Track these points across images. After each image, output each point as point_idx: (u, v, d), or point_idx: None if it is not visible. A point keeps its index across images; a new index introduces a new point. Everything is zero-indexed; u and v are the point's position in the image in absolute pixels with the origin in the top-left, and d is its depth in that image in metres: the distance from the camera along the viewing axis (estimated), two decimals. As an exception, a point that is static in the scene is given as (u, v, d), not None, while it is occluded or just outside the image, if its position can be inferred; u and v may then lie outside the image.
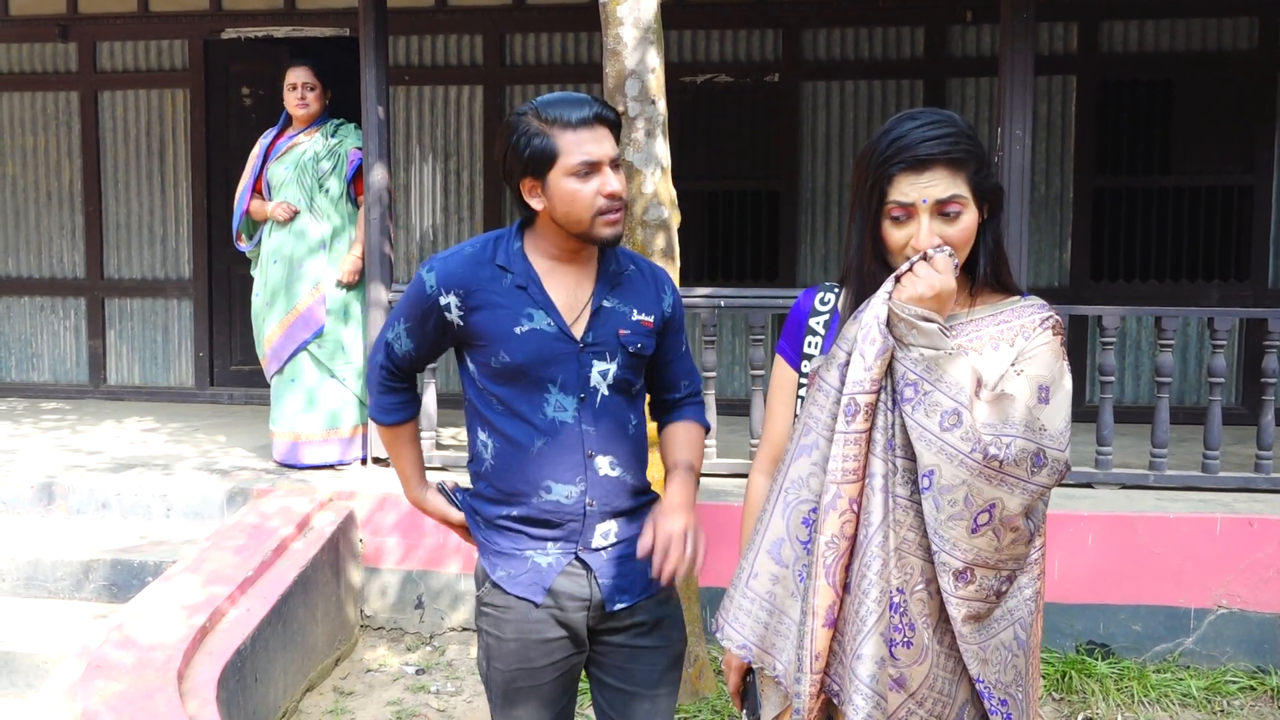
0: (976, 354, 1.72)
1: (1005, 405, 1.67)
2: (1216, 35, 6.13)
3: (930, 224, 1.68)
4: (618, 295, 2.10)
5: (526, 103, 2.06)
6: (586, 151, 1.98)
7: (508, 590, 2.08)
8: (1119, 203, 6.33)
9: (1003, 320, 1.75)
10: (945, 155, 1.66)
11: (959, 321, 1.76)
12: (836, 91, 6.40)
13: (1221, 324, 4.36)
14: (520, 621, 2.07)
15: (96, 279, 7.04)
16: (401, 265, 6.67)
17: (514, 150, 2.02)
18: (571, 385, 2.05)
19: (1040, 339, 1.73)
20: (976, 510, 1.64)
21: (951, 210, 1.68)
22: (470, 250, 2.09)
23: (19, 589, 4.08)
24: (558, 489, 2.05)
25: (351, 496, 4.48)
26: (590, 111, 2.00)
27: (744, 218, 6.55)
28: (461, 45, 6.65)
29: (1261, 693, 3.92)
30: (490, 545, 2.12)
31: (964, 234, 1.70)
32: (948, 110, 1.77)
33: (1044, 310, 1.77)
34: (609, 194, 2.00)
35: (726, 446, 4.89)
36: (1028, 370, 1.70)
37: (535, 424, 2.05)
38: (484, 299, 2.03)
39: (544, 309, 2.04)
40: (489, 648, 2.13)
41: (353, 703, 3.89)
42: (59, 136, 7.04)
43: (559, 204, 2.00)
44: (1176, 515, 4.10)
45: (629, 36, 3.47)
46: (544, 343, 2.03)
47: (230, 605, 3.60)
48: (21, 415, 6.38)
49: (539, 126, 1.99)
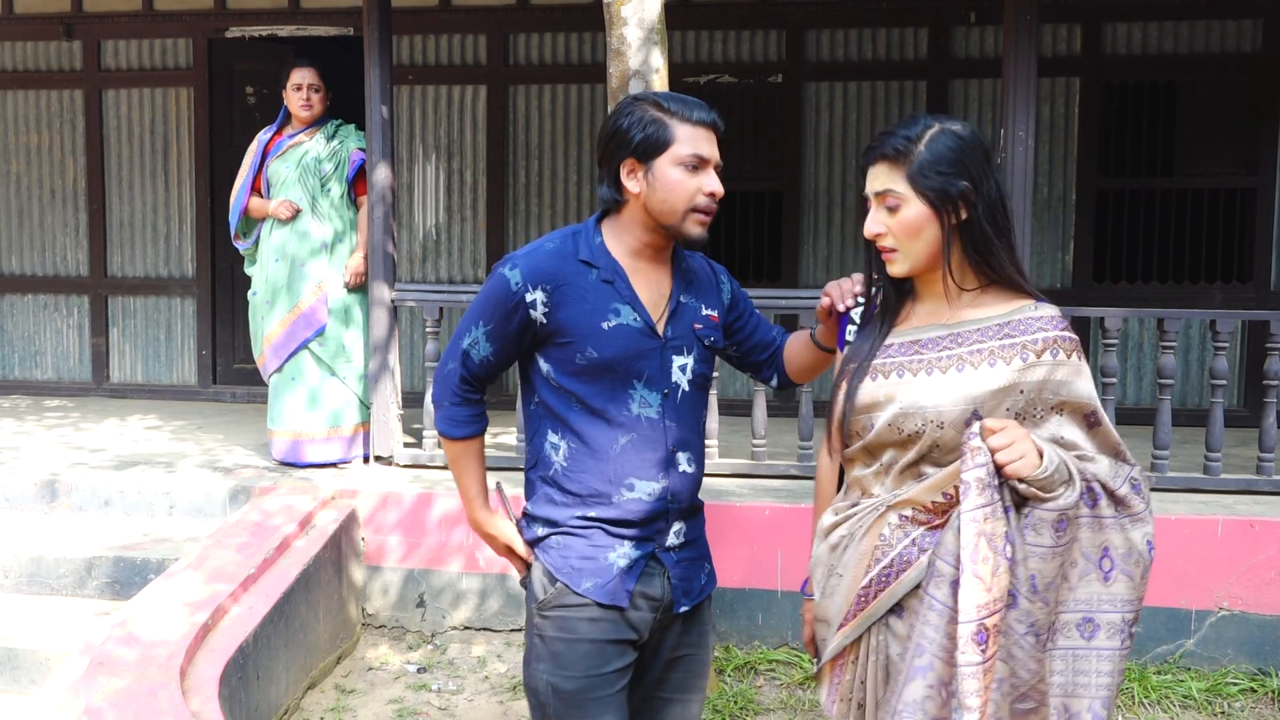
0: (971, 368, 1.80)
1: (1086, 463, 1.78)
2: (1220, 37, 6.13)
3: (875, 212, 1.87)
4: (690, 292, 2.13)
5: (640, 93, 2.08)
6: (699, 147, 2.01)
7: (585, 593, 2.02)
8: (1122, 204, 6.33)
9: (1007, 334, 1.81)
10: (880, 152, 1.85)
11: (966, 329, 1.84)
12: (840, 92, 6.40)
13: (1224, 326, 4.36)
14: (596, 622, 2.02)
15: (100, 277, 7.05)
16: (405, 265, 6.68)
17: (623, 131, 2.01)
18: (656, 381, 2.04)
19: (1058, 372, 1.79)
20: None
21: (889, 204, 1.85)
22: (551, 245, 2.06)
23: (22, 586, 4.09)
24: (640, 486, 2.03)
25: (354, 495, 4.48)
26: (709, 115, 2.03)
27: (747, 218, 6.56)
28: (465, 45, 6.65)
29: (1262, 694, 3.92)
30: (558, 549, 2.05)
31: (902, 226, 1.84)
32: (942, 119, 1.86)
33: (1050, 327, 1.82)
34: (710, 193, 2.03)
35: (728, 447, 4.90)
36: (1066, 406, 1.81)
37: (620, 421, 2.02)
38: (570, 294, 2.01)
39: (630, 304, 2.03)
40: (557, 656, 2.03)
41: (354, 700, 3.90)
42: (63, 134, 7.05)
43: (659, 190, 2.00)
44: (1178, 517, 4.10)
45: (633, 37, 3.48)
46: (631, 338, 2.02)
47: (233, 603, 3.61)
48: (25, 413, 6.39)
49: (656, 114, 2.01)
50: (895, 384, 1.84)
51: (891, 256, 1.87)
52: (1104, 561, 1.79)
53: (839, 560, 1.91)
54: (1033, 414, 1.79)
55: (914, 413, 1.80)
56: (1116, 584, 1.79)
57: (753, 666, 4.09)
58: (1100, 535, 1.78)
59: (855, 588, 1.87)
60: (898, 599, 1.83)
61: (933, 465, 1.81)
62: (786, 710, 3.82)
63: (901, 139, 1.83)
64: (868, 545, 1.86)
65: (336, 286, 4.84)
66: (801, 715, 3.79)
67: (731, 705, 3.77)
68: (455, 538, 4.38)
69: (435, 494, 4.43)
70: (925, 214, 1.82)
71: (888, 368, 1.87)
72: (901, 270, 1.87)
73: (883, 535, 1.85)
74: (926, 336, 1.87)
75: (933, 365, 1.83)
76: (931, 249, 1.84)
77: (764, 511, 4.22)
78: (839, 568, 1.91)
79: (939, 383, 1.81)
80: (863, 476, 1.91)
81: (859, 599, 1.87)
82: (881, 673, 1.85)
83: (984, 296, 1.87)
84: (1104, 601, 1.79)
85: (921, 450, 1.81)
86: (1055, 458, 1.72)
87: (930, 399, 1.80)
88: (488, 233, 6.66)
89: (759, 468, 4.59)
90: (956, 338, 1.84)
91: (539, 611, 2.07)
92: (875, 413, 1.86)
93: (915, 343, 1.88)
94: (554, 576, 2.04)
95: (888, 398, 1.84)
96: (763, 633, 4.22)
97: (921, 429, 1.79)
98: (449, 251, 6.73)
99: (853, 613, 1.88)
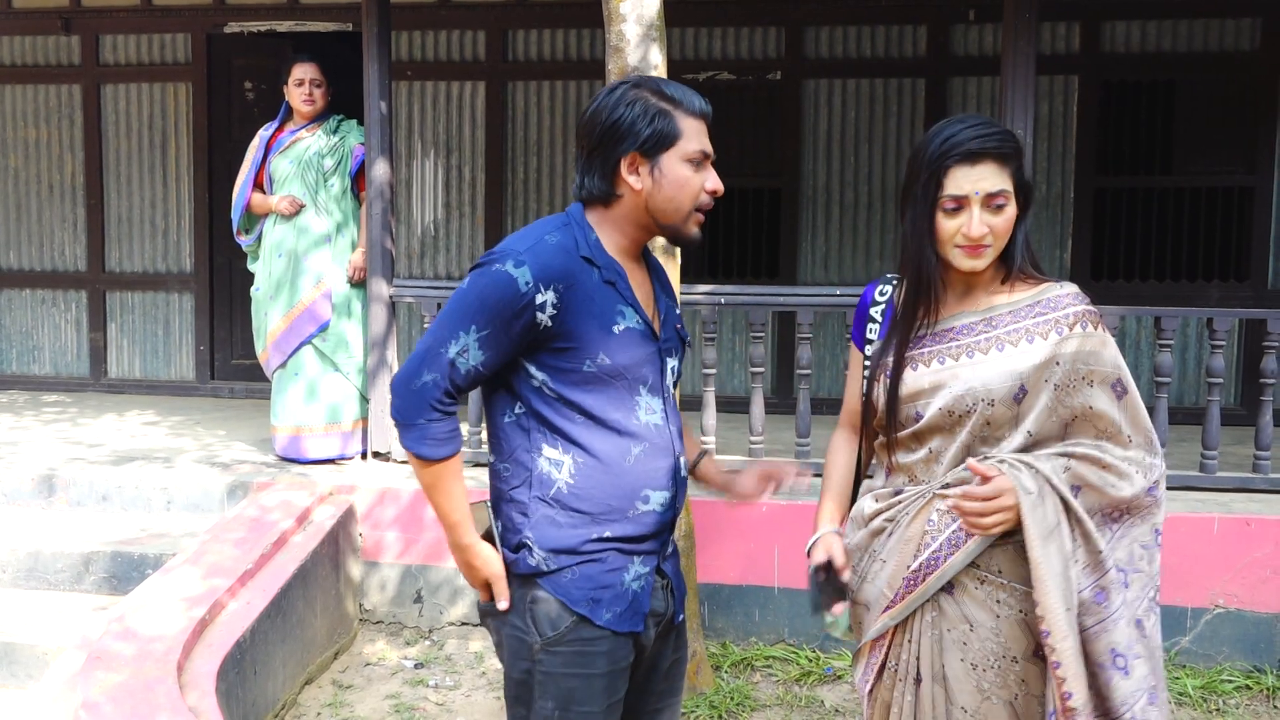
0: (1011, 346, 1.89)
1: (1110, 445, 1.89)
2: (1218, 36, 6.13)
3: (980, 214, 1.86)
4: (667, 292, 2.08)
5: (630, 77, 1.95)
6: (704, 142, 1.91)
7: (605, 624, 1.89)
8: (1120, 203, 6.34)
9: (1039, 312, 1.91)
10: (995, 150, 1.86)
11: (999, 312, 1.93)
12: (838, 90, 6.40)
13: (1220, 324, 4.37)
14: (612, 652, 1.91)
15: (98, 272, 7.05)
16: (403, 260, 6.68)
17: (627, 122, 1.86)
18: (656, 386, 1.95)
19: (1088, 343, 1.88)
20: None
21: (998, 203, 1.87)
22: (555, 240, 1.88)
23: (19, 580, 4.09)
24: (655, 497, 1.92)
25: (351, 490, 4.49)
26: (706, 105, 1.94)
27: (745, 215, 6.56)
28: (464, 41, 6.65)
29: (1257, 692, 3.93)
30: (572, 580, 1.89)
31: (1007, 224, 1.89)
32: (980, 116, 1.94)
33: (1077, 302, 1.93)
34: (712, 190, 1.94)
35: (726, 444, 4.89)
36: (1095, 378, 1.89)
37: (630, 431, 1.90)
38: (579, 296, 1.85)
39: (632, 306, 1.91)
40: (571, 693, 1.90)
41: (351, 696, 3.90)
42: (61, 129, 7.05)
43: (666, 187, 1.89)
44: (1174, 515, 4.10)
45: (632, 33, 3.48)
46: (638, 343, 1.90)
47: (230, 598, 3.62)
48: (23, 408, 6.39)
49: (660, 104, 1.88)
50: (938, 370, 1.92)
51: (983, 252, 1.90)
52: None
53: (882, 546, 1.98)
54: (1068, 385, 1.87)
55: (964, 394, 1.88)
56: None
57: (749, 663, 4.10)
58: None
59: (901, 572, 1.94)
60: (946, 580, 1.90)
61: (984, 445, 1.90)
62: (783, 706, 3.83)
63: (1007, 137, 1.87)
64: (915, 530, 1.93)
65: (338, 280, 4.84)
66: (798, 711, 3.80)
67: (728, 701, 3.78)
68: (453, 534, 4.38)
69: (433, 490, 4.43)
70: (1014, 211, 1.90)
71: (927, 356, 1.94)
72: (985, 264, 1.92)
73: (930, 520, 1.92)
74: (960, 324, 1.95)
75: (973, 349, 1.91)
76: (1008, 241, 1.92)
77: (761, 508, 4.22)
78: (882, 553, 1.98)
79: (981, 363, 1.89)
80: (910, 463, 1.97)
81: (907, 583, 1.93)
82: (936, 647, 1.93)
83: (1008, 283, 1.96)
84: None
85: (974, 431, 1.89)
86: (1033, 507, 1.83)
87: (979, 379, 1.88)
88: (486, 228, 6.66)
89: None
90: (989, 322, 1.93)
91: (546, 647, 1.91)
92: (922, 399, 1.93)
93: (949, 331, 1.95)
94: (571, 610, 1.89)
95: (934, 385, 1.91)
96: (759, 629, 4.22)
97: (972, 408, 1.88)
98: (447, 247, 6.73)
99: (900, 595, 1.94)
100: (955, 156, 1.85)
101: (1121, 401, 1.90)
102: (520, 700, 1.98)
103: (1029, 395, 1.88)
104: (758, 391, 4.55)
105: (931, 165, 1.87)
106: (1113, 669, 1.85)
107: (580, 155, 1.96)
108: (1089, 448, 1.88)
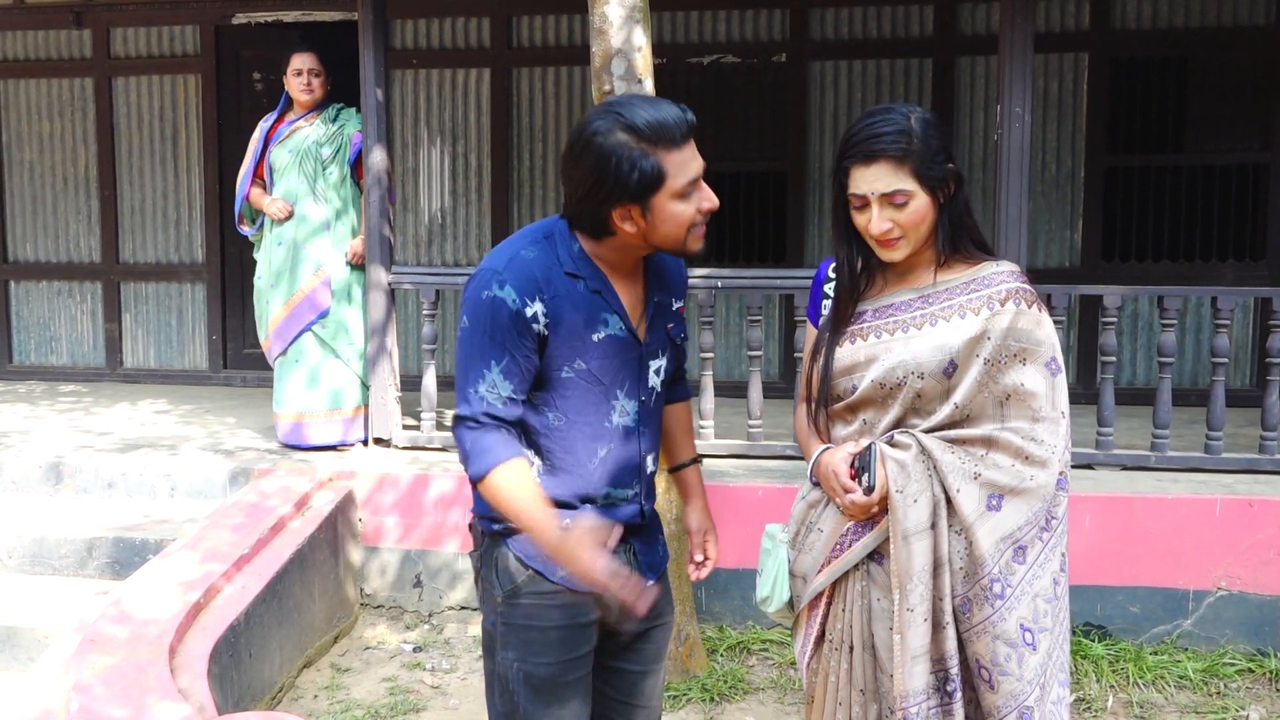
0: (944, 321, 1.94)
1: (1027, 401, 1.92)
2: (1231, 11, 6.02)
3: (880, 211, 1.92)
4: (662, 288, 2.06)
5: (601, 114, 1.85)
6: (691, 170, 1.86)
7: (560, 581, 1.94)
8: (1131, 182, 6.24)
9: (973, 289, 1.96)
10: (886, 151, 1.89)
11: (936, 290, 1.98)
12: (845, 71, 6.34)
13: (1225, 303, 4.31)
14: (568, 607, 1.97)
15: (112, 263, 7.13)
16: (410, 248, 6.70)
17: (612, 178, 1.82)
18: (634, 389, 1.98)
19: (1021, 320, 1.92)
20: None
21: (897, 201, 1.91)
22: (531, 254, 1.90)
23: (25, 566, 4.16)
24: (616, 494, 2.01)
25: (351, 476, 4.52)
26: (687, 125, 1.85)
27: (751, 199, 6.53)
28: (469, 28, 6.65)
29: (1260, 675, 3.88)
30: (526, 535, 1.93)
31: (914, 217, 1.93)
32: (907, 107, 1.96)
33: (1011, 280, 1.96)
34: (706, 210, 1.90)
35: (726, 428, 4.88)
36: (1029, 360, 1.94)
37: (599, 433, 1.95)
38: (563, 305, 1.89)
39: (616, 313, 1.94)
40: (529, 644, 1.98)
41: (349, 679, 3.94)
42: (74, 122, 7.13)
43: (661, 226, 1.87)
44: (1175, 496, 4.06)
45: (615, 15, 3.46)
46: (617, 348, 1.94)
47: (226, 582, 3.66)
48: (39, 397, 6.48)
49: (642, 147, 1.81)
50: (874, 344, 1.98)
51: (896, 244, 1.94)
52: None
53: (819, 516, 2.06)
54: (999, 360, 1.92)
55: (895, 366, 1.94)
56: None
57: (745, 646, 4.09)
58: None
59: (833, 540, 2.02)
60: (872, 548, 1.98)
61: (916, 417, 1.95)
62: (777, 689, 3.82)
63: (899, 137, 1.88)
64: None
65: (337, 267, 4.87)
66: (792, 694, 3.79)
67: (721, 684, 3.78)
68: (451, 519, 4.41)
69: (432, 475, 4.46)
70: (928, 201, 1.92)
71: (865, 332, 2.00)
72: (903, 255, 1.96)
73: None
74: (899, 300, 2.01)
75: (908, 324, 1.97)
76: (929, 229, 1.95)
77: (757, 492, 4.22)
78: (819, 523, 2.06)
79: (915, 338, 1.95)
80: (846, 436, 2.03)
81: (836, 546, 2.02)
82: (866, 615, 2.00)
83: (950, 261, 2.00)
84: None
85: (905, 404, 1.95)
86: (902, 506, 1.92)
87: (910, 353, 1.94)
88: (493, 216, 6.66)
89: (755, 448, 4.58)
90: (926, 299, 1.98)
91: (507, 599, 1.99)
92: (857, 373, 1.99)
93: (888, 307, 2.01)
94: (526, 564, 1.97)
95: (868, 358, 1.97)
96: (756, 613, 4.21)
97: (903, 380, 1.94)
98: (454, 235, 6.74)
99: (830, 559, 2.02)
100: (851, 158, 1.92)
101: (1055, 379, 1.95)
102: (489, 651, 2.07)
103: (959, 370, 1.93)
104: (755, 375, 4.53)
105: (836, 163, 1.97)
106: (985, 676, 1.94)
107: (565, 189, 1.94)
108: (1017, 436, 1.91)
